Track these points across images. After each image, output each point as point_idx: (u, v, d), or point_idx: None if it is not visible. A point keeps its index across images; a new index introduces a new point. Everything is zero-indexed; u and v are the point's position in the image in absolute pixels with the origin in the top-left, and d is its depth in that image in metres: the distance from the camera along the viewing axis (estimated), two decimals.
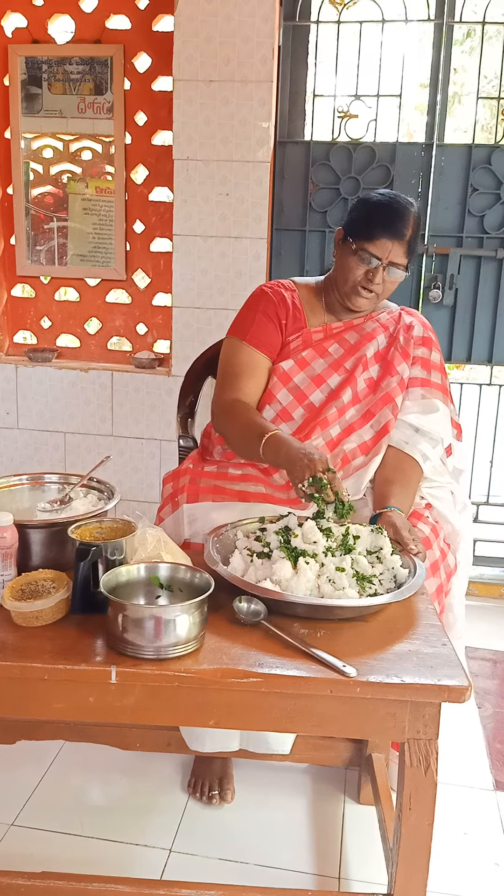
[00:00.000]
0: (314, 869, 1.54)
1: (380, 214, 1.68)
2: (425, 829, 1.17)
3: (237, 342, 1.80)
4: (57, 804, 1.68)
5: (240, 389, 1.75)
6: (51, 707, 1.18)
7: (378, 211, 1.69)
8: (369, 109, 2.62)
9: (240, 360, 1.78)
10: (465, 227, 2.63)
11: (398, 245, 1.66)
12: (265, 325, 1.78)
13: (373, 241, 1.66)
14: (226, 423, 1.74)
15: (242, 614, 1.24)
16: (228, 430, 1.73)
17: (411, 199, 1.74)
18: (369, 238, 1.67)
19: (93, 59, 2.74)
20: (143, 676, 1.12)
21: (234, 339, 1.81)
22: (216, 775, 1.72)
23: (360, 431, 1.73)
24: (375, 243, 1.66)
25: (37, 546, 1.37)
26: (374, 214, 1.69)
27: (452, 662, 1.16)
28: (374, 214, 1.69)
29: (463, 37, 2.71)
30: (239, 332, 1.81)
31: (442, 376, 1.82)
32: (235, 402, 1.73)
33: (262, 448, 1.56)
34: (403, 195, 1.75)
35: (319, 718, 1.16)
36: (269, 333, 1.78)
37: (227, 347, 1.83)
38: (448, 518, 1.73)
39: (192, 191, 2.64)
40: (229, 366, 1.80)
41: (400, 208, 1.68)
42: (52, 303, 3.01)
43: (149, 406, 2.87)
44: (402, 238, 1.66)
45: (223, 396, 1.77)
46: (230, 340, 1.83)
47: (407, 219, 1.68)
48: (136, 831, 1.61)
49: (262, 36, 2.49)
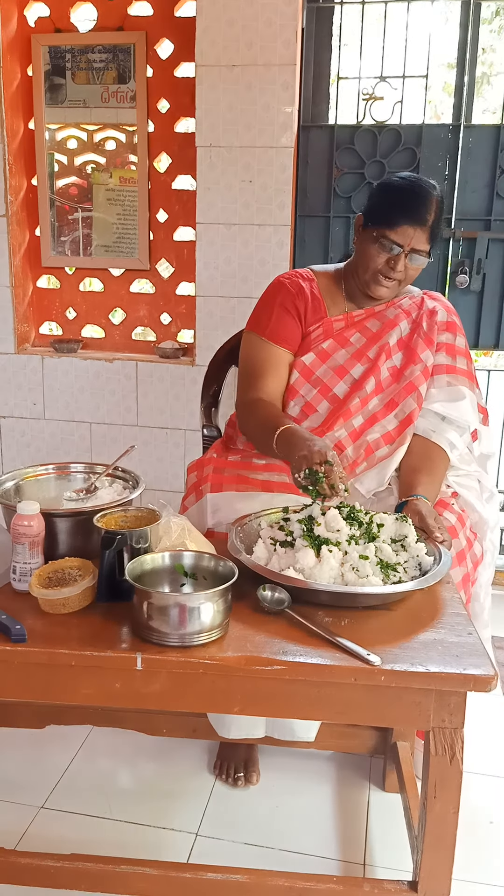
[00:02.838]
0: (339, 855, 1.54)
1: (400, 200, 1.64)
2: (450, 817, 1.16)
3: (256, 338, 1.78)
4: (85, 788, 1.71)
5: (261, 389, 1.73)
6: (78, 692, 1.20)
7: (399, 196, 1.65)
8: (395, 91, 2.57)
9: (259, 357, 1.76)
10: (493, 210, 2.58)
11: (420, 231, 1.63)
12: (284, 319, 1.76)
13: (394, 229, 1.63)
14: (248, 423, 1.74)
15: (266, 602, 1.24)
16: (250, 429, 1.73)
17: (433, 182, 1.69)
18: (390, 225, 1.63)
19: (115, 46, 2.73)
20: (168, 663, 1.13)
21: (253, 335, 1.79)
22: (241, 758, 1.74)
23: (384, 421, 1.71)
24: (397, 230, 1.63)
25: (63, 535, 1.39)
26: (395, 200, 1.65)
27: (478, 651, 1.16)
28: (394, 200, 1.65)
29: (491, 15, 2.63)
30: (258, 328, 1.79)
31: (468, 361, 1.79)
32: (256, 401, 1.72)
33: (276, 443, 1.55)
34: (426, 178, 1.71)
35: (344, 706, 1.16)
36: (288, 327, 1.76)
37: (246, 344, 1.81)
38: (475, 507, 1.71)
39: (214, 178, 2.62)
40: (250, 364, 1.78)
41: (422, 192, 1.64)
42: (76, 294, 3.03)
43: (173, 396, 2.88)
44: (425, 224, 1.63)
45: (245, 397, 1.76)
46: (249, 336, 1.81)
47: (429, 203, 1.63)
48: (163, 815, 1.63)
49: (285, 18, 2.46)
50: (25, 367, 2.96)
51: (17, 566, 1.29)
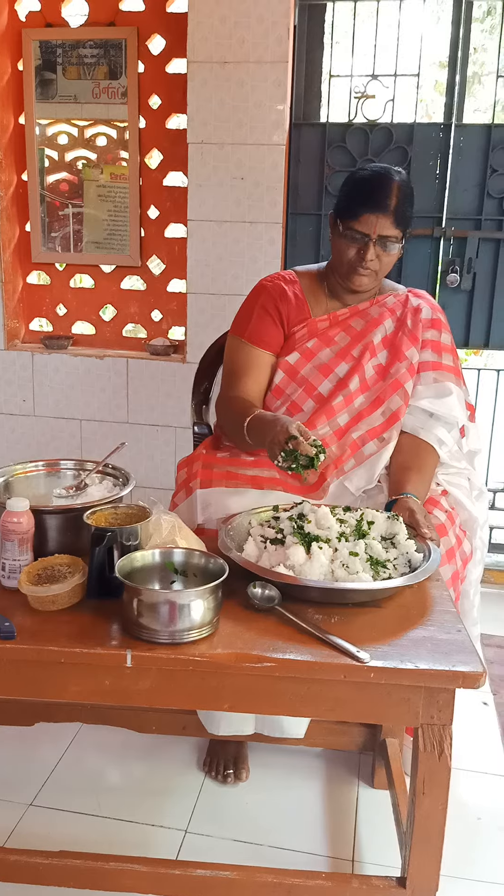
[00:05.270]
0: (328, 851, 1.55)
1: (361, 191, 1.68)
2: (439, 813, 1.17)
3: (237, 341, 1.82)
4: (74, 785, 1.70)
5: (240, 389, 1.76)
6: (67, 690, 1.20)
7: (359, 188, 1.69)
8: (386, 90, 2.58)
9: (239, 358, 1.80)
10: (483, 209, 2.59)
11: (383, 218, 1.64)
12: (264, 321, 1.79)
13: (357, 219, 1.66)
14: (224, 422, 1.77)
15: (257, 600, 1.25)
16: (227, 428, 1.75)
17: (398, 169, 1.71)
18: (354, 216, 1.66)
19: (107, 41, 2.72)
20: (158, 661, 1.13)
21: (234, 338, 1.83)
22: (231, 755, 1.74)
23: (370, 419, 1.72)
24: (360, 220, 1.65)
25: (53, 532, 1.39)
26: (356, 192, 1.69)
27: (467, 648, 1.16)
28: (355, 192, 1.69)
29: (483, 14, 2.63)
30: (239, 331, 1.82)
31: (453, 358, 1.80)
32: (231, 398, 1.75)
33: (247, 435, 1.58)
34: (392, 167, 1.72)
35: (333, 703, 1.17)
36: (268, 329, 1.79)
37: (228, 346, 1.86)
38: (464, 505, 1.72)
39: (206, 175, 2.62)
40: (231, 366, 1.82)
41: (381, 181, 1.66)
42: (67, 290, 3.02)
43: (164, 393, 2.87)
44: (387, 210, 1.64)
45: (223, 396, 1.80)
46: (231, 338, 1.85)
47: (388, 189, 1.65)
48: (153, 812, 1.63)
49: (278, 15, 2.45)
50: (15, 363, 2.95)
51: (7, 563, 1.29)
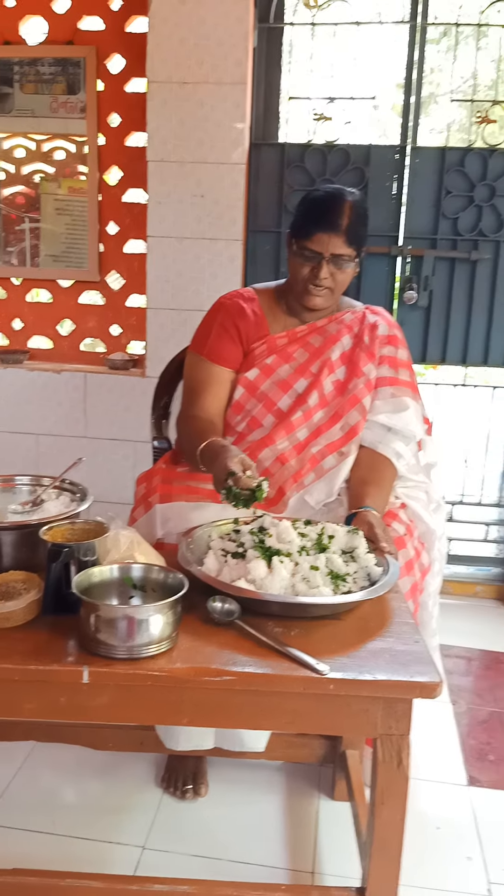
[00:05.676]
0: (288, 864, 1.54)
1: (314, 211, 1.72)
2: (398, 823, 1.18)
3: (196, 357, 1.84)
4: (28, 803, 1.67)
5: (199, 406, 1.78)
6: (21, 708, 1.17)
7: (312, 208, 1.73)
8: (344, 112, 2.64)
9: (199, 375, 1.82)
10: (439, 229, 2.66)
11: (335, 237, 1.68)
12: (223, 338, 1.81)
13: (310, 238, 1.70)
14: (182, 441, 1.79)
15: (216, 614, 1.24)
16: (184, 447, 1.76)
17: (352, 190, 1.76)
18: (307, 235, 1.70)
19: (65, 59, 2.73)
20: (115, 676, 1.12)
21: (194, 354, 1.85)
22: (190, 771, 1.73)
23: (329, 433, 1.74)
24: (313, 239, 1.69)
25: (8, 547, 1.36)
26: (309, 212, 1.73)
27: (424, 659, 1.18)
28: (309, 212, 1.73)
29: (440, 35, 2.71)
30: (197, 347, 1.85)
31: (410, 373, 1.84)
32: (190, 418, 1.77)
33: (200, 462, 1.59)
34: (344, 188, 1.76)
35: (293, 716, 1.17)
36: (227, 346, 1.81)
37: (187, 363, 1.87)
38: (422, 517, 1.74)
39: (166, 192, 2.63)
40: (190, 383, 1.84)
41: (333, 201, 1.71)
42: (23, 304, 2.99)
43: (123, 407, 2.86)
44: (338, 230, 1.68)
45: (182, 414, 1.82)
46: (190, 355, 1.87)
47: (340, 209, 1.69)
48: (110, 829, 1.60)
49: (237, 38, 2.49)
50: None
51: None
